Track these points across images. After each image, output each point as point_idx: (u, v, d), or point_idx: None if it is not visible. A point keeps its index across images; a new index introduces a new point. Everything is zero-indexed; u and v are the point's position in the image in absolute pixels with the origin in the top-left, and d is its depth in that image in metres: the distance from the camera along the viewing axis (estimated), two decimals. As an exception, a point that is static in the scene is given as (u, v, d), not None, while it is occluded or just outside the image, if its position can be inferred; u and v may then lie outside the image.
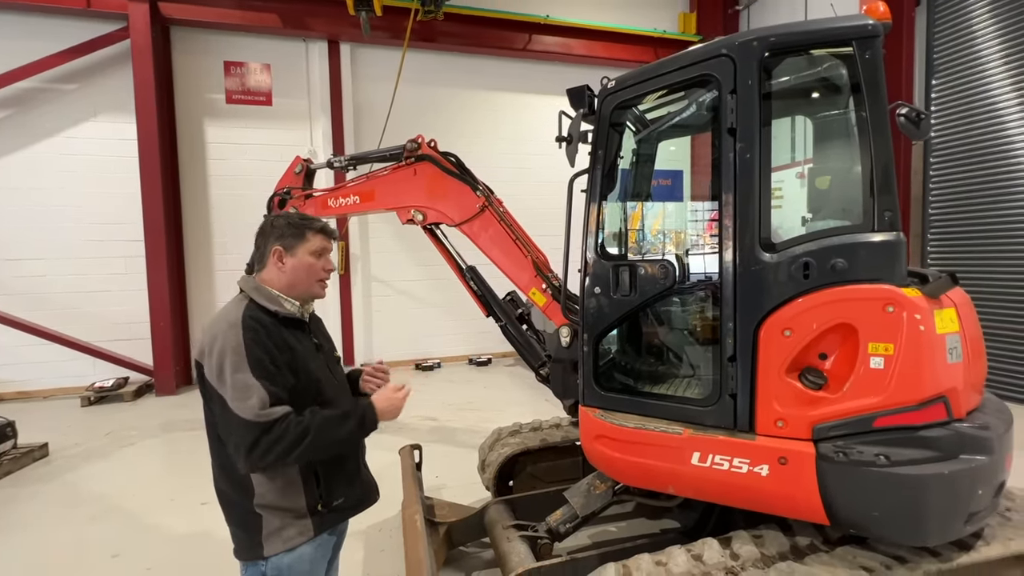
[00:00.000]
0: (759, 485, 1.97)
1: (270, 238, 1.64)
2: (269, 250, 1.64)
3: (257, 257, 1.67)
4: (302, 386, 1.56)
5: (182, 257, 7.44)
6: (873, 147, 1.91)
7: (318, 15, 7.49)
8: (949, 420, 1.86)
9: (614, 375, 2.49)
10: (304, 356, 1.60)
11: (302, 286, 1.66)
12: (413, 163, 3.98)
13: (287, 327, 1.60)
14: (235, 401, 1.44)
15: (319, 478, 1.59)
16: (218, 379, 1.47)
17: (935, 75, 6.33)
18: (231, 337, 1.48)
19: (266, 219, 1.71)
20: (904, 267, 1.91)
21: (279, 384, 1.49)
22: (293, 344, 1.58)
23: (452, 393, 6.69)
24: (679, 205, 7.55)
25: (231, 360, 1.46)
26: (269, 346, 1.51)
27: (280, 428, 1.44)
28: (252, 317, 1.53)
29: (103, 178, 6.96)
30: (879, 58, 1.89)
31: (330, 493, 1.62)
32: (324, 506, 1.60)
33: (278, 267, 1.63)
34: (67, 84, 6.86)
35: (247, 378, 1.45)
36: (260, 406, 1.43)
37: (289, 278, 1.64)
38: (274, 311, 1.58)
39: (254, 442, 1.42)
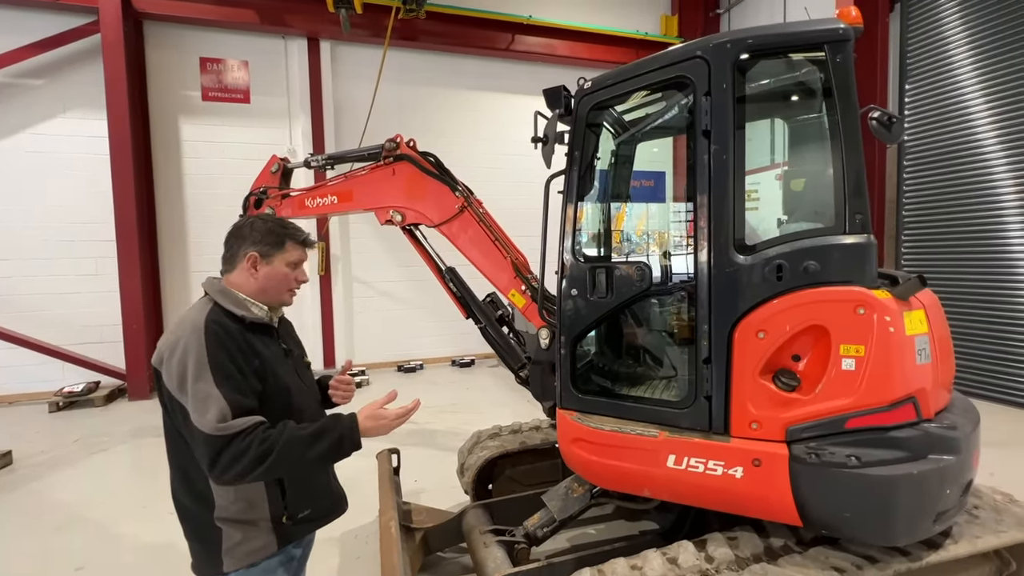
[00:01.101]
0: (733, 487, 1.97)
1: (246, 241, 1.57)
2: (243, 253, 1.57)
3: (227, 258, 1.60)
4: (270, 393, 1.50)
5: (156, 257, 7.25)
6: (844, 150, 1.92)
7: (297, 12, 7.37)
8: (918, 420, 1.88)
9: (591, 377, 2.48)
10: (272, 362, 1.54)
11: (271, 294, 1.61)
12: (392, 163, 3.93)
13: (254, 332, 1.54)
14: (195, 413, 1.36)
15: (284, 488, 1.52)
16: (179, 388, 1.40)
17: (908, 80, 6.46)
18: (192, 343, 1.41)
19: (243, 220, 1.64)
20: (874, 269, 1.93)
21: (244, 392, 1.42)
22: (260, 350, 1.52)
23: (434, 395, 6.63)
24: (658, 206, 7.59)
25: (192, 368, 1.38)
26: (233, 352, 1.44)
27: (241, 443, 1.36)
28: (216, 322, 1.46)
29: (73, 176, 6.74)
30: (850, 62, 1.91)
31: (296, 504, 1.54)
32: (289, 518, 1.53)
33: (250, 272, 1.57)
34: (34, 79, 6.63)
35: (208, 388, 1.37)
36: (219, 418, 1.36)
37: (260, 285, 1.59)
38: (240, 316, 1.51)
39: (214, 457, 1.35)
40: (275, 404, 1.51)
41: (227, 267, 1.60)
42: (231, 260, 1.59)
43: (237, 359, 1.43)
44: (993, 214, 5.66)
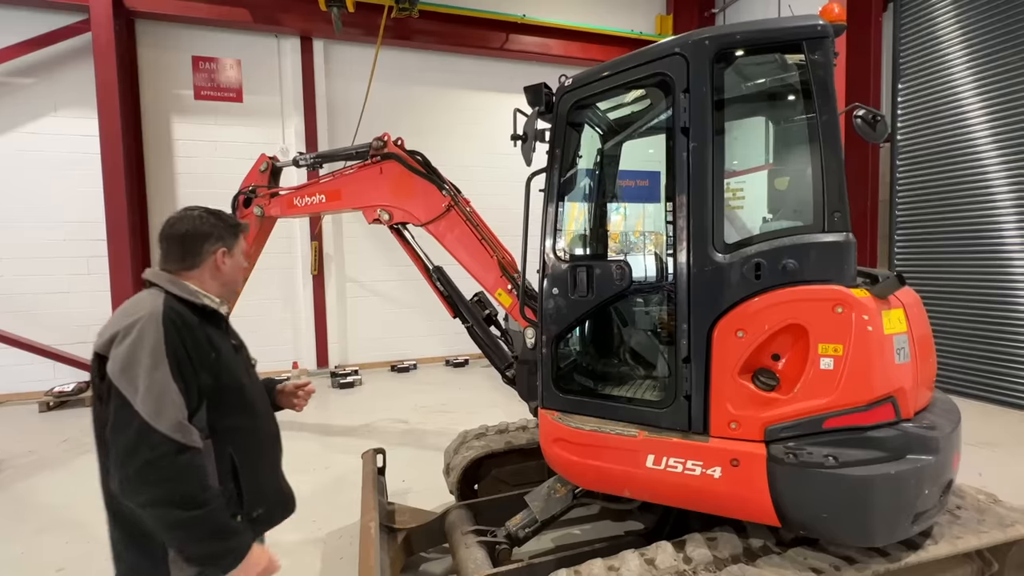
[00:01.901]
0: (712, 487, 1.96)
1: (211, 238, 1.53)
2: (210, 250, 1.53)
3: (183, 255, 1.51)
4: (224, 389, 1.44)
5: (147, 257, 7.22)
6: (823, 148, 1.91)
7: (290, 10, 7.35)
8: (897, 420, 1.87)
9: (572, 377, 2.47)
10: (228, 357, 1.50)
11: (233, 285, 1.61)
12: (379, 161, 3.91)
13: (209, 324, 1.49)
14: (146, 404, 1.25)
15: (240, 484, 1.46)
16: (122, 373, 1.27)
17: (901, 79, 6.46)
18: (150, 329, 1.31)
19: (191, 217, 1.54)
20: (853, 268, 1.91)
21: (192, 391, 1.35)
22: (217, 342, 1.47)
23: (426, 395, 6.61)
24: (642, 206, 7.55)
25: (148, 357, 1.28)
26: (190, 345, 1.37)
27: (190, 460, 1.28)
28: (174, 310, 1.39)
29: (64, 175, 6.71)
30: (829, 59, 1.89)
31: (251, 504, 1.48)
32: (244, 517, 1.47)
33: (220, 267, 1.55)
34: (25, 78, 6.61)
35: (164, 380, 1.29)
36: (179, 417, 1.28)
37: (226, 278, 1.58)
38: (201, 305, 1.47)
39: (153, 460, 1.23)
40: (229, 400, 1.47)
41: (186, 265, 1.51)
42: (193, 258, 1.52)
43: (193, 353, 1.37)
44: (987, 213, 5.66)
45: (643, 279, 2.39)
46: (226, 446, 1.44)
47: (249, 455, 1.50)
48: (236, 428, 1.48)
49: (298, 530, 3.32)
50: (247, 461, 1.48)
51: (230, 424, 1.46)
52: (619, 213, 3.12)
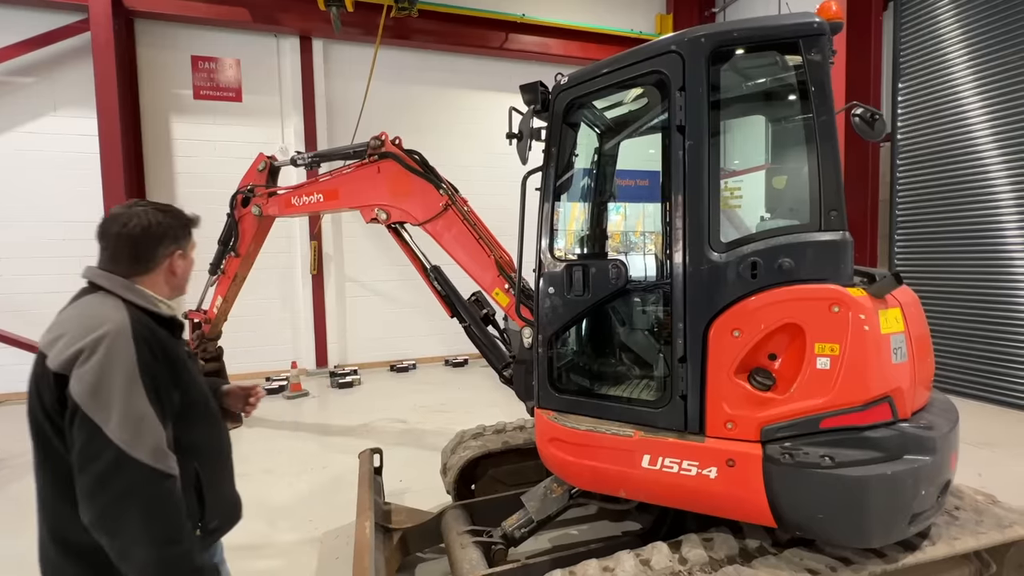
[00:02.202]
0: (708, 488, 1.94)
1: (165, 239, 1.39)
2: (164, 253, 1.39)
3: (135, 258, 1.35)
4: (192, 403, 1.37)
5: (147, 257, 7.22)
6: (820, 146, 1.90)
7: (289, 10, 7.35)
8: (894, 420, 1.86)
9: (568, 377, 2.46)
10: (192, 369, 1.42)
11: (184, 286, 1.50)
12: (377, 161, 3.91)
13: (172, 334, 1.40)
14: (123, 430, 1.14)
15: (203, 497, 1.38)
16: (93, 398, 1.15)
17: (902, 78, 6.44)
18: (121, 348, 1.19)
19: (137, 216, 1.36)
20: (850, 267, 1.90)
21: (167, 415, 1.26)
22: (183, 356, 1.39)
23: (425, 395, 6.60)
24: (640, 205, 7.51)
25: (122, 380, 1.17)
26: (162, 363, 1.27)
27: (171, 490, 1.20)
28: (143, 324, 1.27)
29: (64, 174, 6.72)
30: (826, 57, 1.88)
31: (209, 517, 1.42)
32: (202, 529, 1.40)
33: (174, 271, 1.42)
34: (25, 77, 6.61)
35: (141, 403, 1.18)
36: (159, 446, 1.19)
37: (179, 281, 1.46)
38: (166, 315, 1.37)
39: (130, 491, 1.14)
40: (196, 414, 1.39)
41: (139, 269, 1.36)
42: (147, 262, 1.37)
43: (166, 372, 1.28)
44: (988, 212, 5.63)
45: (639, 278, 2.38)
46: (191, 460, 1.35)
47: (212, 468, 1.44)
48: (200, 441, 1.41)
49: (295, 530, 3.31)
50: (210, 474, 1.42)
51: (195, 438, 1.38)
52: (616, 212, 3.10)
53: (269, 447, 4.86)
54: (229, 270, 5.11)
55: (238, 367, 6.76)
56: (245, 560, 2.99)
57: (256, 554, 3.06)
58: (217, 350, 5.50)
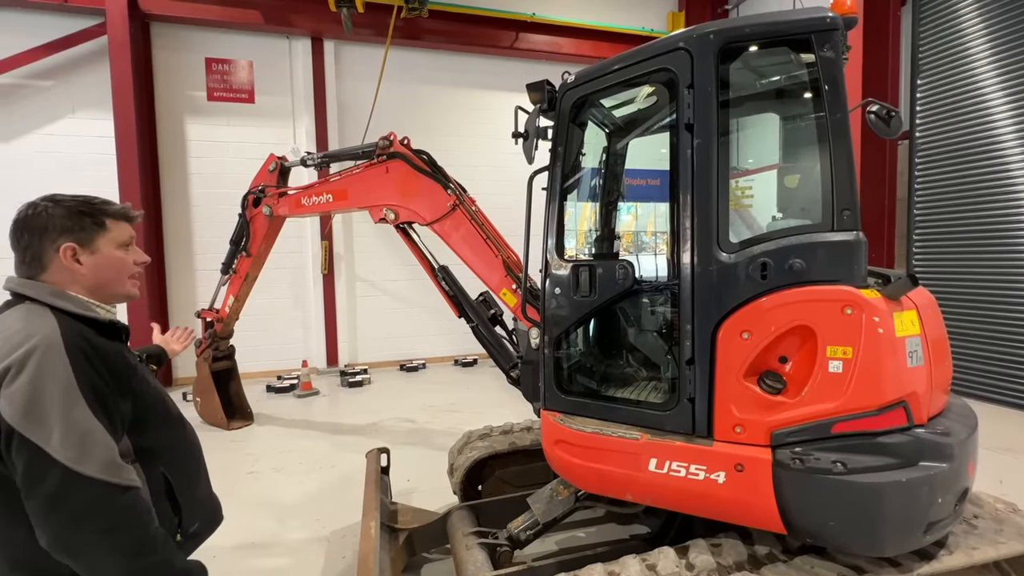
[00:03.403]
0: (716, 493, 1.91)
1: (50, 233, 1.23)
2: (51, 249, 1.23)
3: (29, 259, 1.24)
4: (147, 408, 1.30)
5: (162, 257, 7.34)
6: (832, 144, 1.85)
7: (301, 12, 7.41)
8: (909, 426, 1.80)
9: (574, 378, 2.43)
10: (142, 373, 1.33)
11: (111, 288, 1.32)
12: (385, 161, 3.92)
13: (115, 340, 1.29)
14: (66, 448, 1.07)
15: (176, 502, 1.34)
16: (25, 419, 1.06)
17: (920, 74, 6.29)
18: (52, 362, 1.09)
19: (30, 208, 1.25)
20: (864, 268, 1.85)
21: (117, 425, 1.18)
22: (131, 360, 1.30)
23: (434, 395, 6.61)
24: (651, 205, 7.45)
25: (58, 395, 1.08)
26: (104, 372, 1.17)
27: (132, 502, 1.13)
28: (76, 333, 1.16)
29: (81, 176, 6.83)
30: (839, 53, 1.83)
31: (188, 521, 1.37)
32: (183, 534, 1.36)
33: (73, 269, 1.25)
34: (44, 80, 6.75)
35: (85, 418, 1.10)
36: (111, 458, 1.11)
37: (92, 281, 1.27)
38: (107, 321, 1.26)
39: (85, 510, 1.07)
40: (153, 417, 1.32)
41: (33, 271, 1.24)
42: (37, 260, 1.23)
43: (111, 381, 1.19)
44: (1009, 211, 5.48)
45: (646, 279, 2.34)
46: (156, 466, 1.30)
47: (181, 470, 1.38)
48: (164, 445, 1.35)
49: (303, 528, 3.33)
50: (181, 477, 1.36)
51: (157, 443, 1.32)
52: (623, 212, 3.07)
53: (279, 445, 4.90)
54: (241, 270, 5.17)
55: (249, 366, 6.84)
56: (254, 558, 3.02)
57: (265, 552, 3.08)
58: (229, 348, 5.57)
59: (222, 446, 4.91)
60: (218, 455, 4.69)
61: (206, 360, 5.33)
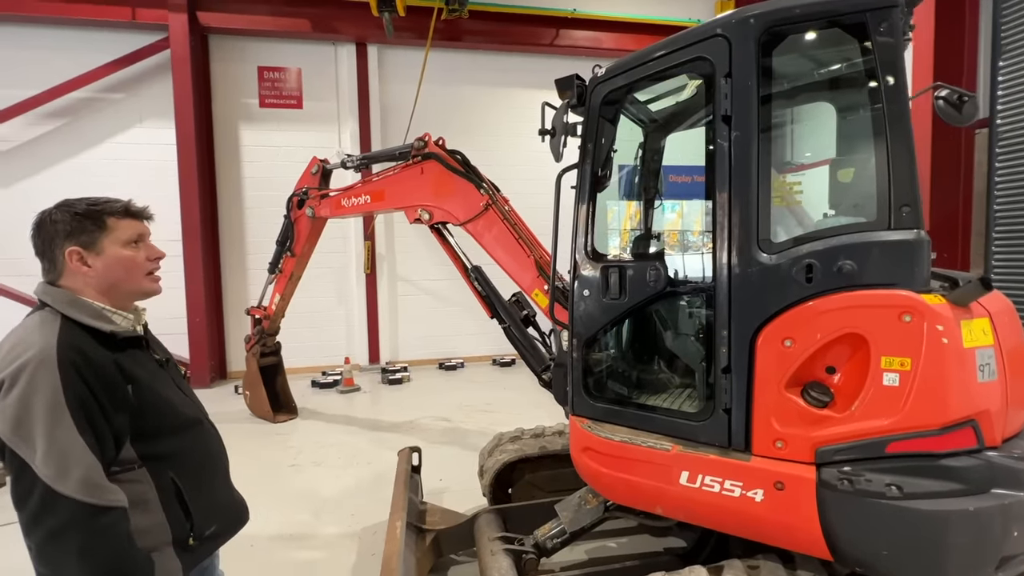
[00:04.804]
0: (753, 511, 1.77)
1: (56, 239, 1.26)
2: (60, 254, 1.26)
3: (46, 267, 1.28)
4: (150, 417, 1.29)
5: (218, 256, 7.76)
6: (890, 133, 1.67)
7: (346, 18, 7.62)
8: (979, 448, 1.61)
9: (603, 384, 2.34)
10: (150, 381, 1.31)
11: (125, 287, 1.32)
12: (420, 162, 3.95)
13: (122, 349, 1.28)
14: (47, 466, 1.09)
15: (188, 509, 1.33)
16: (14, 433, 1.10)
17: (1003, 55, 5.70)
18: (42, 377, 1.11)
19: (40, 216, 1.29)
20: (926, 270, 1.66)
21: (106, 441, 1.18)
22: (133, 371, 1.27)
23: (471, 394, 6.64)
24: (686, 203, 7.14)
25: (44, 411, 1.10)
26: (96, 387, 1.17)
27: (109, 524, 1.13)
28: (72, 346, 1.17)
29: (146, 181, 7.32)
30: (897, 32, 1.65)
31: (202, 523, 1.36)
32: (196, 538, 1.35)
33: (82, 272, 1.26)
34: (115, 93, 7.28)
35: (69, 436, 1.10)
36: (90, 478, 1.11)
37: (103, 282, 1.28)
38: (108, 331, 1.25)
39: (60, 529, 1.09)
40: (158, 426, 1.31)
41: (51, 277, 1.29)
42: (52, 266, 1.28)
43: (103, 397, 1.18)
44: (1108, 207, 4.87)
45: (680, 281, 2.22)
46: (165, 471, 1.30)
47: (192, 476, 1.36)
48: (172, 451, 1.33)
49: (337, 523, 3.41)
50: (191, 482, 1.35)
51: (164, 449, 1.32)
52: (656, 211, 2.93)
53: (320, 440, 5.05)
54: (286, 269, 5.38)
55: (295, 361, 7.11)
56: (289, 550, 3.11)
57: (299, 544, 3.17)
58: (276, 345, 5.80)
59: (268, 439, 5.13)
60: (263, 447, 4.90)
61: (254, 355, 5.57)
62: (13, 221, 4.78)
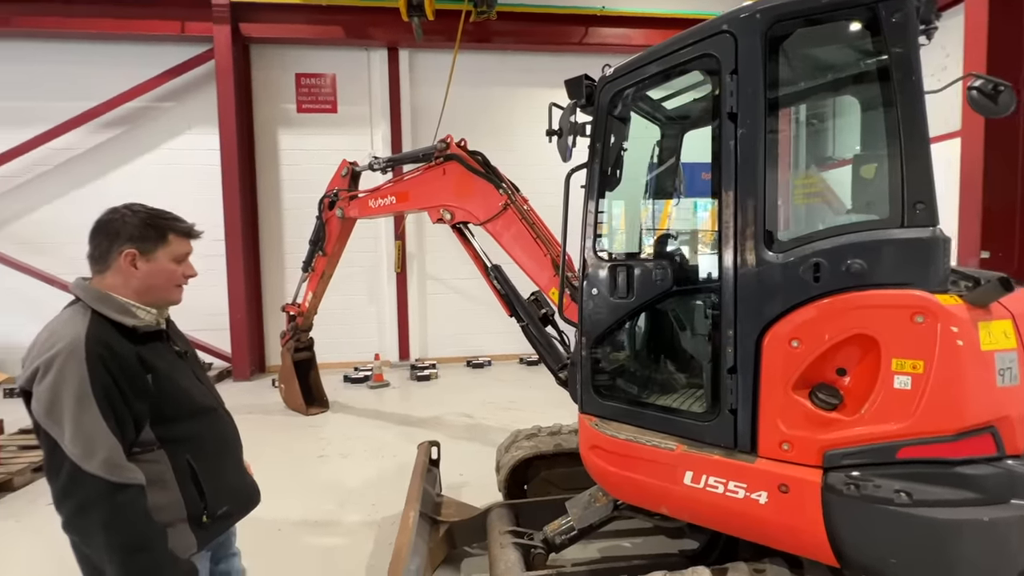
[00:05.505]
0: (756, 513, 1.75)
1: (119, 237, 1.38)
2: (116, 251, 1.38)
3: (96, 257, 1.40)
4: (169, 404, 1.40)
5: (258, 255, 8.13)
6: (903, 128, 1.62)
7: (378, 24, 7.83)
8: (999, 456, 1.54)
9: (611, 382, 2.34)
10: (168, 371, 1.42)
11: (156, 294, 1.45)
12: (442, 163, 4.04)
13: (144, 342, 1.39)
14: (75, 446, 1.22)
15: (202, 488, 1.43)
16: (47, 416, 1.23)
17: (1066, 40, 5.29)
18: (72, 367, 1.23)
19: (111, 213, 1.42)
20: (942, 269, 1.60)
21: (126, 424, 1.29)
22: (153, 362, 1.38)
23: (497, 392, 6.71)
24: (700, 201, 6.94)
25: (72, 397, 1.22)
26: (119, 376, 1.29)
27: (129, 500, 1.25)
28: (98, 339, 1.28)
29: (192, 184, 7.73)
30: (911, 21, 1.59)
31: (215, 502, 1.46)
32: (209, 516, 1.44)
33: (129, 272, 1.39)
34: (166, 102, 7.75)
35: (94, 421, 1.23)
36: (112, 459, 1.24)
37: (142, 284, 1.41)
38: (131, 326, 1.36)
39: (86, 503, 1.22)
40: (175, 412, 1.42)
41: (99, 267, 1.40)
42: (103, 259, 1.39)
43: (125, 386, 1.29)
44: None
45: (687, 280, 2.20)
46: (182, 453, 1.41)
47: (206, 459, 1.46)
48: (188, 436, 1.44)
49: (359, 512, 3.54)
50: (205, 464, 1.45)
51: (181, 433, 1.42)
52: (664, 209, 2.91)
53: (349, 432, 5.23)
54: (318, 268, 5.59)
55: (327, 357, 7.34)
56: (313, 536, 3.26)
57: (323, 531, 3.32)
58: (309, 340, 6.04)
59: (300, 430, 5.35)
60: (295, 438, 5.12)
61: (289, 351, 5.82)
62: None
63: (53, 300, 1.50)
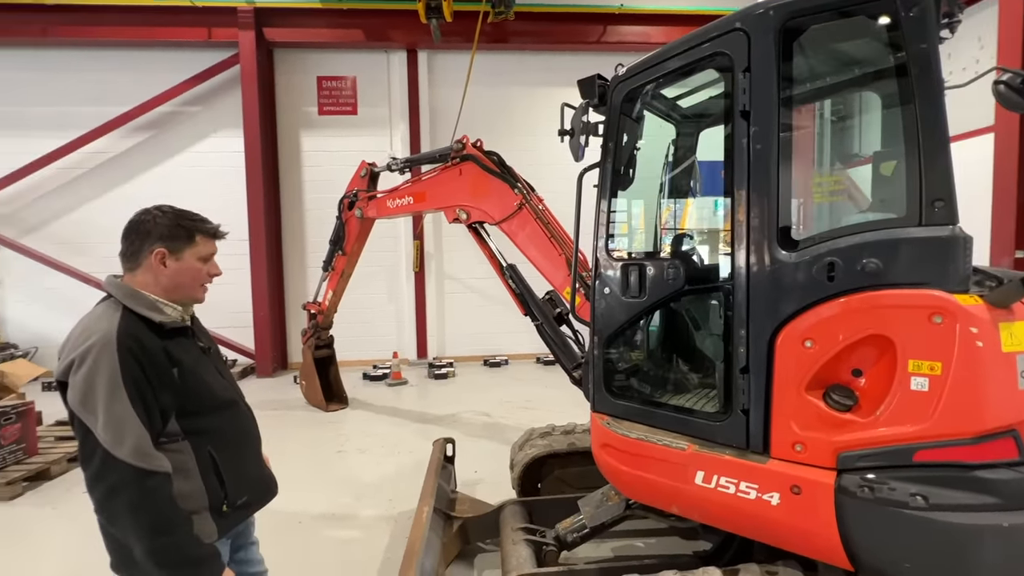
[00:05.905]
0: (768, 515, 1.74)
1: (150, 237, 1.45)
2: (148, 250, 1.45)
3: (129, 255, 1.47)
4: (193, 397, 1.46)
5: (280, 254, 8.32)
6: (922, 124, 1.58)
7: (398, 27, 7.93)
8: (1022, 460, 1.49)
9: (622, 381, 2.34)
10: (193, 366, 1.48)
11: (183, 291, 1.51)
12: (459, 163, 4.08)
13: (170, 337, 1.46)
14: (106, 433, 1.29)
15: (223, 479, 1.49)
16: (82, 405, 1.31)
17: (1108, 29, 5.07)
18: (104, 359, 1.31)
19: (143, 213, 1.49)
20: (962, 269, 1.56)
21: (153, 414, 1.36)
22: (179, 356, 1.45)
23: (513, 390, 6.74)
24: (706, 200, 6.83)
25: (105, 387, 1.30)
26: (148, 368, 1.36)
27: (156, 486, 1.32)
28: (129, 333, 1.36)
29: (218, 185, 7.96)
30: (929, 15, 1.56)
31: (235, 492, 1.52)
32: (229, 506, 1.51)
33: (158, 270, 1.46)
34: (193, 106, 8.00)
35: (124, 410, 1.30)
36: (138, 446, 1.31)
37: (169, 282, 1.48)
38: (159, 321, 1.43)
39: (117, 487, 1.29)
40: (198, 406, 1.48)
41: (130, 265, 1.48)
42: (134, 257, 1.47)
43: (153, 377, 1.37)
44: None
45: (699, 280, 2.19)
46: (204, 445, 1.48)
47: (227, 451, 1.53)
48: (210, 428, 1.50)
49: (376, 507, 3.61)
50: (226, 456, 1.51)
51: (204, 426, 1.49)
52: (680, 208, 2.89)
53: (367, 429, 5.33)
54: (338, 267, 5.70)
55: (347, 354, 7.48)
56: (331, 528, 3.34)
57: (340, 524, 3.39)
58: (329, 338, 6.16)
59: (319, 426, 5.47)
60: (315, 434, 5.23)
61: (310, 348, 5.95)
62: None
63: (90, 300, 1.57)
